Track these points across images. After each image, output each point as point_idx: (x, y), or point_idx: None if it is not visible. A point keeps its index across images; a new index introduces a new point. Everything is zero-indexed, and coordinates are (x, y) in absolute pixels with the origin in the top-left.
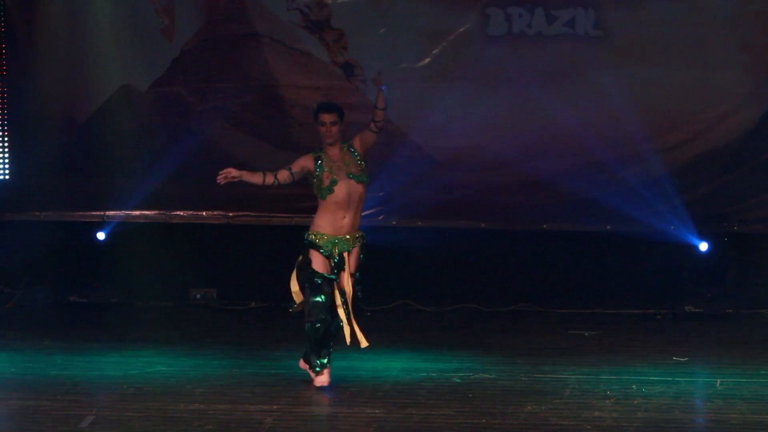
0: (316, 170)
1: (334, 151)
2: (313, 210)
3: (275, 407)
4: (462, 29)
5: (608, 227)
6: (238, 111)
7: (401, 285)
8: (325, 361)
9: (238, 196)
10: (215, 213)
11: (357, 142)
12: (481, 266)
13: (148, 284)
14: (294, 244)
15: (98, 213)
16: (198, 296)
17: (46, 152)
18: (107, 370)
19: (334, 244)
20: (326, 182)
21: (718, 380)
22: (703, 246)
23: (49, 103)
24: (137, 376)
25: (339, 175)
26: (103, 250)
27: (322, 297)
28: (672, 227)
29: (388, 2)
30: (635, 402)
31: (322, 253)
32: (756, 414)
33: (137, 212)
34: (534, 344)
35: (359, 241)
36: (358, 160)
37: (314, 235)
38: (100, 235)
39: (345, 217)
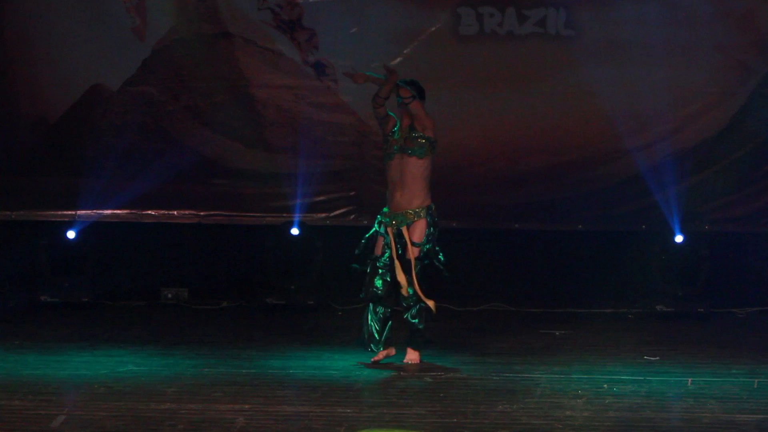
0: (390, 133)
1: (404, 123)
2: (283, 209)
3: (247, 406)
4: (433, 29)
5: (579, 226)
6: (210, 110)
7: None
8: (377, 339)
9: (210, 195)
10: (186, 212)
11: (416, 122)
12: (452, 265)
13: (120, 283)
14: (265, 243)
15: (69, 212)
16: (169, 295)
17: (18, 152)
18: (78, 370)
19: (393, 219)
20: (390, 149)
21: (690, 379)
22: (679, 238)
23: (21, 103)
24: (108, 376)
25: (399, 147)
26: (75, 249)
27: (375, 280)
28: (643, 227)
29: (359, 2)
30: (606, 401)
31: (380, 232)
32: (727, 413)
33: (108, 211)
34: (505, 343)
35: (419, 216)
36: (415, 136)
37: (380, 215)
38: (71, 234)
39: (397, 191)
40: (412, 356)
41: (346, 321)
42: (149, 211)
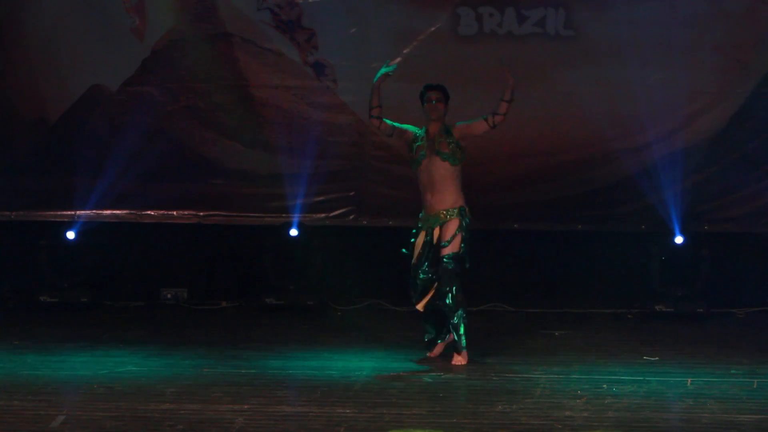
0: (413, 142)
1: (433, 128)
2: (282, 210)
3: (246, 407)
4: (433, 29)
5: (579, 227)
6: (209, 111)
7: (372, 285)
8: (432, 335)
9: (209, 195)
10: (186, 212)
11: (459, 129)
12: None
13: (119, 284)
14: (264, 243)
15: (69, 212)
16: (169, 296)
17: (17, 152)
18: (78, 370)
19: (427, 222)
20: (416, 155)
21: (689, 379)
22: (679, 238)
23: (20, 103)
24: (108, 376)
25: (428, 151)
26: (74, 249)
27: (416, 277)
28: (643, 227)
29: (358, 2)
30: (606, 401)
31: (420, 230)
32: (726, 413)
33: (108, 212)
34: (505, 344)
35: (451, 216)
36: (449, 142)
37: (419, 217)
38: (71, 235)
39: (428, 193)
40: (458, 359)
41: (346, 321)
42: (149, 211)
